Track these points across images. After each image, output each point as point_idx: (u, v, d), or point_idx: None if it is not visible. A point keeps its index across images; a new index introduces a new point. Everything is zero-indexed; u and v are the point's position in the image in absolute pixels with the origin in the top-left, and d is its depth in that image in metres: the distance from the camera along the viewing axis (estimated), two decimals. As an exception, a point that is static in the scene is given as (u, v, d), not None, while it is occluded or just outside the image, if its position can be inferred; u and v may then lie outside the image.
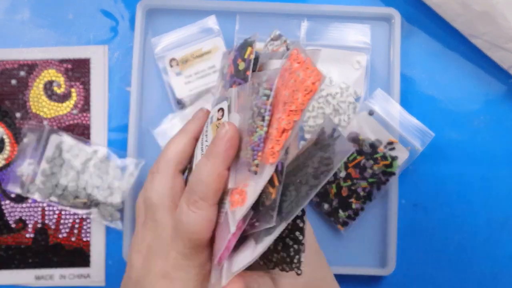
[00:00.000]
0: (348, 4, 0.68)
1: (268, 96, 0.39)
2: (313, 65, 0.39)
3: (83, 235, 0.66)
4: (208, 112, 0.48)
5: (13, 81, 0.67)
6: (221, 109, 0.43)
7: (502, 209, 0.67)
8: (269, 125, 0.39)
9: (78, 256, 0.66)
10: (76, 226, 0.66)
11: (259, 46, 0.44)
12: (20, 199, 0.66)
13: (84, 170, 0.65)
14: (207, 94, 0.66)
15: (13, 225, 0.66)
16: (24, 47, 0.68)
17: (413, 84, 0.68)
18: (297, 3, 0.68)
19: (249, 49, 0.42)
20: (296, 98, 0.38)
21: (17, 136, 0.67)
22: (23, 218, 0.66)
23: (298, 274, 0.41)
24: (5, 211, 0.66)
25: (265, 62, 0.44)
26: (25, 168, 0.66)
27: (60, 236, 0.66)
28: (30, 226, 0.66)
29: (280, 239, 0.41)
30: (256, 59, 0.44)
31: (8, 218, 0.66)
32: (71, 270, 0.66)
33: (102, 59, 0.68)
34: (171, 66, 0.67)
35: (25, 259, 0.66)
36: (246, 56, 0.42)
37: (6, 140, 0.67)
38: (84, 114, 0.68)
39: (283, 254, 0.42)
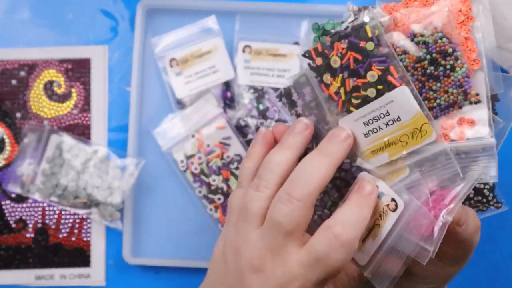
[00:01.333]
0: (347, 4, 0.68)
1: (444, 37, 0.41)
2: None
3: (83, 235, 0.66)
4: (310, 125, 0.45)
5: (13, 81, 0.68)
6: (394, 201, 0.42)
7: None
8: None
9: (78, 256, 0.66)
10: (76, 226, 0.66)
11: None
12: (20, 199, 0.67)
13: (84, 170, 0.65)
14: (207, 94, 0.66)
15: (14, 225, 0.66)
16: (24, 47, 0.68)
17: (413, 84, 0.68)
18: (297, 3, 0.68)
19: (367, 28, 0.42)
20: (459, 10, 0.41)
21: (17, 136, 0.67)
22: (24, 218, 0.66)
23: (498, 208, 0.45)
24: (5, 211, 0.66)
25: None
26: (25, 168, 0.66)
27: (60, 236, 0.66)
28: (30, 226, 0.66)
29: None
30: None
31: (9, 218, 0.66)
32: (71, 270, 0.66)
33: (102, 59, 0.68)
34: (171, 66, 0.67)
35: (25, 259, 0.66)
36: (370, 35, 0.42)
37: (6, 140, 0.67)
38: (84, 114, 0.68)
39: (477, 198, 0.45)
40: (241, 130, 0.66)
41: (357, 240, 0.41)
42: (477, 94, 0.42)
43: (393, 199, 0.42)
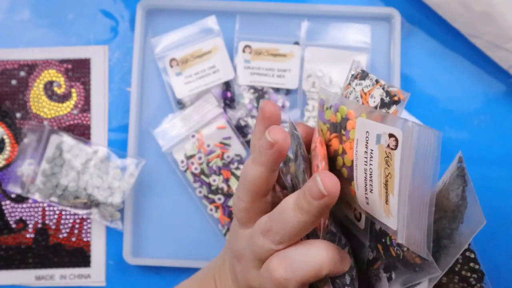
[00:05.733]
0: (348, 4, 0.68)
1: None
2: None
3: (83, 235, 0.66)
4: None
5: (13, 81, 0.68)
6: (393, 136, 0.34)
7: (502, 209, 0.67)
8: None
9: (78, 256, 0.66)
10: (77, 226, 0.66)
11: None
12: (20, 199, 0.67)
13: (84, 170, 0.65)
14: (207, 94, 0.66)
15: (14, 225, 0.66)
16: (24, 47, 0.68)
17: (413, 84, 0.68)
18: (297, 3, 0.68)
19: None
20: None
21: (17, 136, 0.67)
22: (24, 218, 0.66)
23: None
24: (5, 211, 0.66)
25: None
26: (25, 168, 0.66)
27: (61, 236, 0.66)
28: (30, 226, 0.66)
29: (453, 272, 0.42)
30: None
31: (9, 218, 0.66)
32: (71, 270, 0.66)
33: (102, 59, 0.68)
34: (171, 66, 0.67)
35: (25, 259, 0.66)
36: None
37: (6, 140, 0.67)
38: (84, 114, 0.68)
39: (463, 285, 0.43)
40: (241, 130, 0.66)
41: (294, 283, 0.38)
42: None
43: (391, 135, 0.34)
